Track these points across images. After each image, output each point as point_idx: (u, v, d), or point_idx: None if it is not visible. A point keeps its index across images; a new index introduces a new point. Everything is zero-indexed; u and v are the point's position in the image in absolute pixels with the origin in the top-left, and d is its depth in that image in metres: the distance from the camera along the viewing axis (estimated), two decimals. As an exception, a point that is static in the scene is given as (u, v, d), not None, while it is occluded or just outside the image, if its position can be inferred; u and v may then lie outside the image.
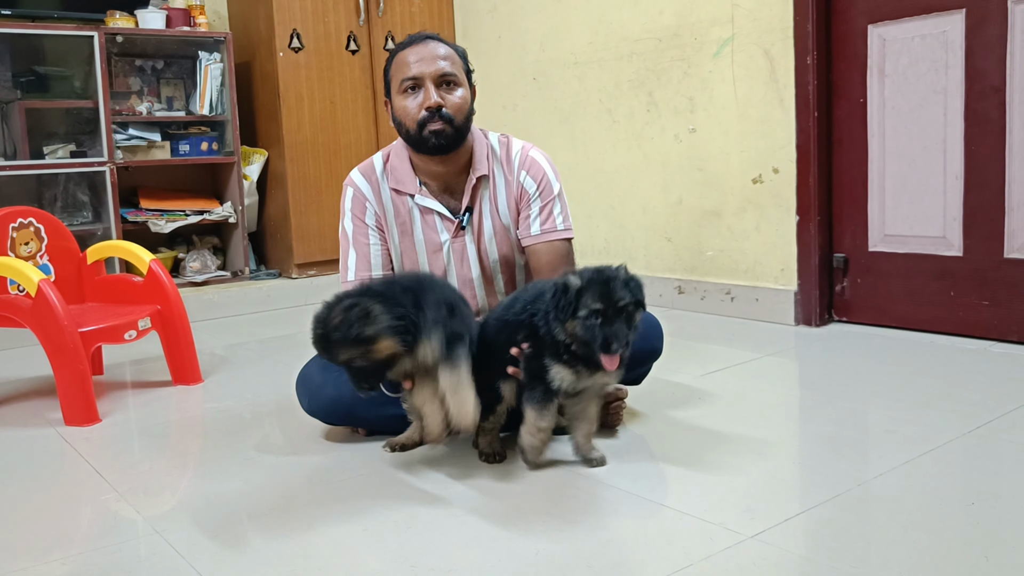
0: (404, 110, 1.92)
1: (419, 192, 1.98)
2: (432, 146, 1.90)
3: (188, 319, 2.55)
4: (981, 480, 1.60)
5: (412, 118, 1.90)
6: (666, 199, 3.39)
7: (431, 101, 1.88)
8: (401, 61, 1.93)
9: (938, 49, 2.62)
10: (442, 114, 1.88)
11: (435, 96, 1.88)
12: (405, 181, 1.99)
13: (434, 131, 1.88)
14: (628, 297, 1.55)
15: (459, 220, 1.99)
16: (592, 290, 1.55)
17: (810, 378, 2.40)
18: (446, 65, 1.91)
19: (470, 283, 2.02)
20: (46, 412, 2.31)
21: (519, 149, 2.03)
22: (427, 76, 1.89)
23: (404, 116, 1.92)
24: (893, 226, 2.80)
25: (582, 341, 1.56)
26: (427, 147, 1.91)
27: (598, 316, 1.54)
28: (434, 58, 1.90)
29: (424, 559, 1.35)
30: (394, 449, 1.85)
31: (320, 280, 3.92)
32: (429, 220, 1.99)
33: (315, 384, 1.91)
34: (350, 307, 1.54)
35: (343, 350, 1.54)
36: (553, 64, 3.79)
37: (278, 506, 1.61)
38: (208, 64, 3.81)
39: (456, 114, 1.90)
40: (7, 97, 3.48)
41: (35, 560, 1.42)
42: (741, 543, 1.36)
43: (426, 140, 1.90)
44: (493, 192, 2.01)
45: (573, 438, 1.74)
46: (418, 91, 1.91)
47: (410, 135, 1.92)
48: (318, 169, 3.95)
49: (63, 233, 2.62)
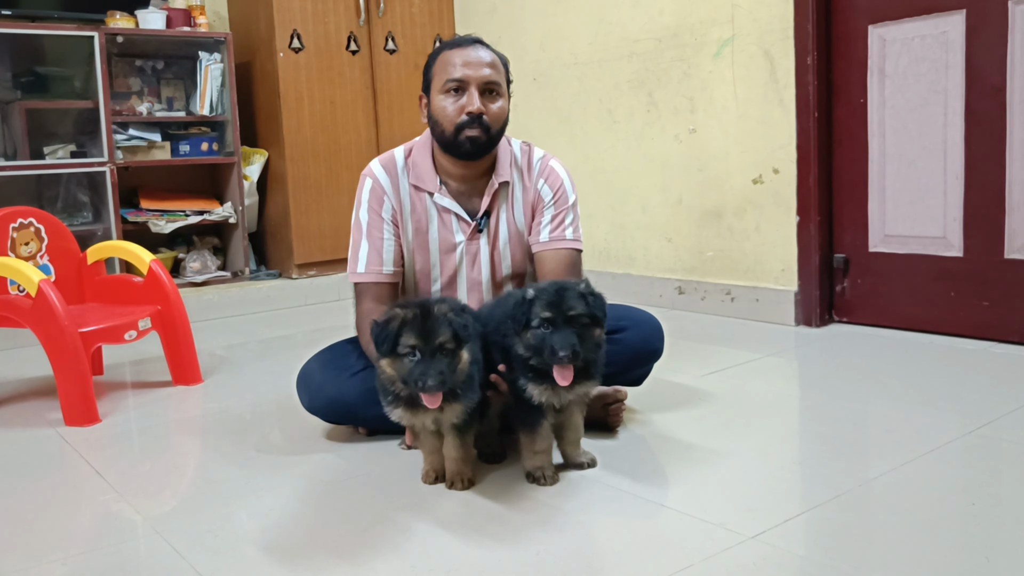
0: (443, 111, 1.89)
1: (439, 191, 1.96)
2: (465, 151, 1.89)
3: (188, 319, 2.55)
4: (981, 480, 1.60)
5: (451, 120, 1.88)
6: (666, 199, 3.39)
7: (474, 107, 1.86)
8: (447, 60, 1.90)
9: (938, 49, 2.62)
10: (482, 122, 1.86)
11: (478, 103, 1.86)
12: (426, 178, 1.96)
13: (470, 137, 1.87)
14: (580, 308, 1.53)
15: (476, 223, 1.97)
16: (542, 299, 1.54)
17: (810, 378, 2.40)
18: (492, 73, 1.90)
19: (478, 286, 2.01)
20: (46, 412, 2.31)
21: (540, 157, 2.03)
22: (473, 81, 1.87)
23: (442, 116, 1.90)
24: (893, 226, 2.79)
25: (535, 351, 1.55)
26: (460, 151, 1.90)
27: (547, 325, 1.52)
28: (481, 64, 1.89)
29: (424, 559, 1.35)
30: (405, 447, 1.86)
31: (320, 280, 3.92)
32: (446, 220, 1.98)
33: (315, 382, 1.92)
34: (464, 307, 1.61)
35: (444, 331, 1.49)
36: (553, 64, 3.79)
37: (278, 506, 1.61)
38: (208, 64, 3.81)
39: (494, 124, 1.89)
40: (7, 97, 3.48)
41: (35, 560, 1.42)
42: (741, 543, 1.36)
43: (461, 144, 1.88)
44: (511, 198, 2.00)
45: (560, 447, 1.73)
46: (461, 94, 1.88)
47: (445, 135, 1.90)
48: (318, 169, 3.95)
49: (63, 233, 2.62)
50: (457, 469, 1.65)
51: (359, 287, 1.95)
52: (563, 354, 1.49)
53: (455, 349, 1.51)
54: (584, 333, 1.54)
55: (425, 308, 1.51)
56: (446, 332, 1.49)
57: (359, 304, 1.95)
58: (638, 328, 1.97)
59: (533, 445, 1.64)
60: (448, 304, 1.55)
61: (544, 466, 1.65)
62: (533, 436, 1.64)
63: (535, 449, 1.64)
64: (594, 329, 1.58)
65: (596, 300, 1.58)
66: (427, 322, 1.49)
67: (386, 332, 1.49)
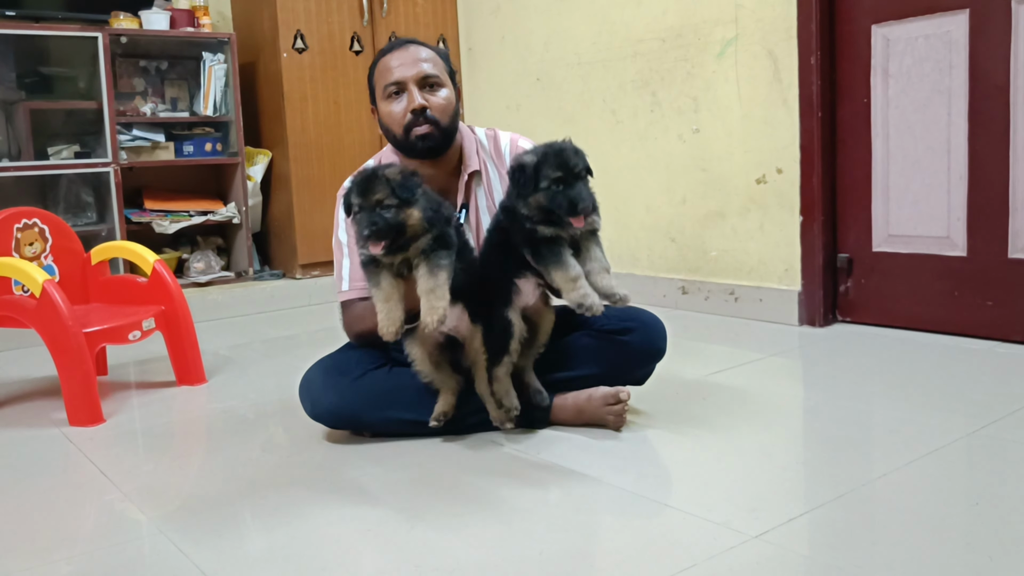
0: (390, 115, 1.93)
1: None
2: (420, 150, 1.91)
3: (192, 320, 2.55)
4: (985, 480, 1.59)
5: (398, 123, 1.91)
6: (670, 199, 3.38)
7: (415, 103, 1.89)
8: (383, 67, 1.94)
9: (942, 49, 2.62)
10: (427, 116, 1.89)
11: (419, 98, 1.89)
12: None
13: (420, 135, 1.90)
14: (582, 164, 1.69)
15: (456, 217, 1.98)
16: (549, 162, 1.68)
17: (814, 378, 2.40)
18: (427, 67, 1.92)
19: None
20: (50, 412, 2.32)
21: (507, 141, 2.05)
22: (409, 79, 1.90)
23: (391, 121, 1.93)
24: (897, 226, 2.79)
25: (547, 210, 1.68)
26: (416, 151, 1.92)
27: (559, 183, 1.67)
28: (415, 61, 1.91)
29: (428, 559, 1.35)
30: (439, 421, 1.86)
31: (324, 280, 3.92)
32: None
33: (317, 389, 1.92)
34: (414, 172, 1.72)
35: (382, 189, 1.66)
36: (557, 64, 3.79)
37: (282, 506, 1.61)
38: (212, 65, 3.81)
39: (441, 116, 1.91)
40: (12, 98, 3.49)
41: (40, 560, 1.43)
42: (745, 543, 1.36)
43: (414, 145, 1.91)
44: (488, 186, 2.02)
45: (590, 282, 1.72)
46: (402, 95, 1.91)
47: (398, 140, 1.94)
48: (322, 170, 3.95)
49: (67, 234, 2.62)
50: (429, 304, 1.65)
51: (345, 304, 1.98)
52: (583, 204, 1.65)
53: (398, 205, 1.66)
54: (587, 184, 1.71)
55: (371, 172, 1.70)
56: (383, 190, 1.66)
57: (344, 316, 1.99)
58: (642, 328, 1.98)
59: (568, 274, 1.69)
60: (396, 168, 1.71)
61: (587, 292, 1.68)
62: (564, 268, 1.69)
63: (571, 276, 1.69)
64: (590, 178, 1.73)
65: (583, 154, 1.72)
66: (368, 183, 1.68)
67: (345, 198, 1.73)
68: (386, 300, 1.70)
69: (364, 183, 1.68)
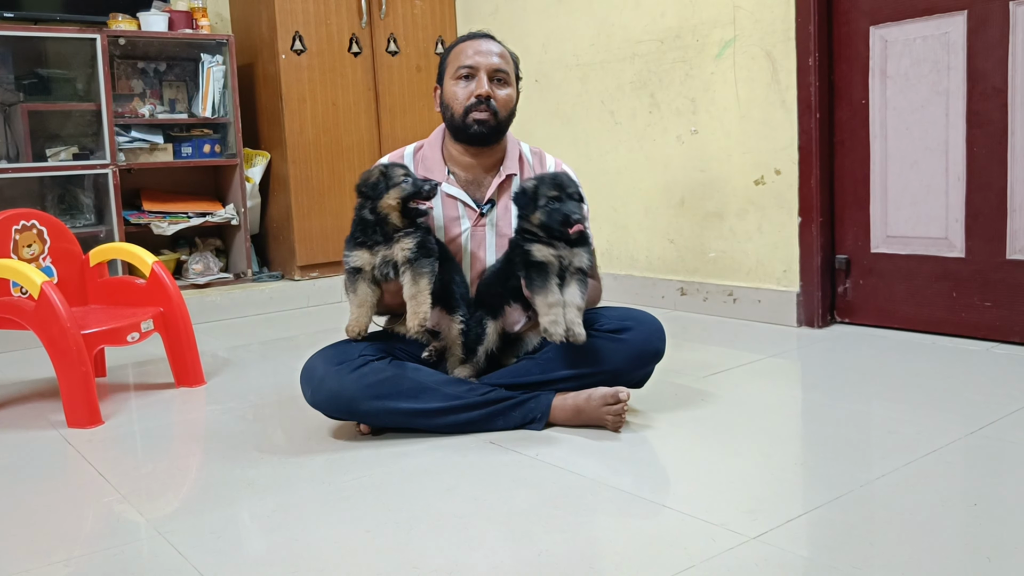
0: (454, 95, 2.04)
1: (447, 180, 2.08)
2: (473, 133, 2.02)
3: (191, 321, 2.55)
4: (984, 481, 1.60)
5: (460, 103, 2.02)
6: (668, 200, 3.39)
7: (482, 89, 2.00)
8: (460, 51, 2.06)
9: (940, 50, 2.62)
10: (489, 104, 2.01)
11: (487, 86, 2.01)
12: (434, 169, 2.09)
13: (478, 119, 2.00)
14: (574, 188, 1.92)
15: (481, 210, 2.07)
16: (546, 183, 1.90)
17: (812, 379, 2.40)
18: (501, 62, 2.04)
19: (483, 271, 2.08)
20: (49, 414, 2.32)
21: (553, 161, 2.18)
22: (482, 67, 2.02)
23: (453, 100, 2.04)
24: (895, 227, 2.79)
25: (546, 226, 1.88)
26: (468, 134, 2.03)
27: (554, 201, 1.88)
28: (491, 53, 2.04)
29: (426, 560, 1.35)
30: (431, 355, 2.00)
31: (323, 282, 3.92)
32: (451, 208, 2.07)
33: (318, 376, 1.93)
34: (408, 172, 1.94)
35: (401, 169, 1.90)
36: (555, 66, 3.79)
37: (281, 507, 1.61)
38: (210, 66, 3.81)
39: (501, 108, 2.03)
40: (10, 99, 3.49)
41: (38, 562, 1.43)
42: (743, 544, 1.36)
43: (468, 127, 2.02)
44: None
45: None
46: (471, 80, 2.03)
47: (454, 120, 2.04)
48: (320, 171, 3.95)
49: (66, 235, 2.62)
50: (412, 309, 1.85)
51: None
52: (576, 217, 1.86)
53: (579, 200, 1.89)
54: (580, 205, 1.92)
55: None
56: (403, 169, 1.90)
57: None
58: (640, 329, 1.98)
59: (547, 300, 1.87)
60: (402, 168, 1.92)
61: (556, 319, 1.85)
62: (546, 293, 1.87)
63: (549, 302, 1.86)
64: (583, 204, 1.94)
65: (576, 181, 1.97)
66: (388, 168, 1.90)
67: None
68: (359, 306, 1.92)
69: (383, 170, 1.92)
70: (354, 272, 1.92)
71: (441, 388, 1.91)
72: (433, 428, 1.93)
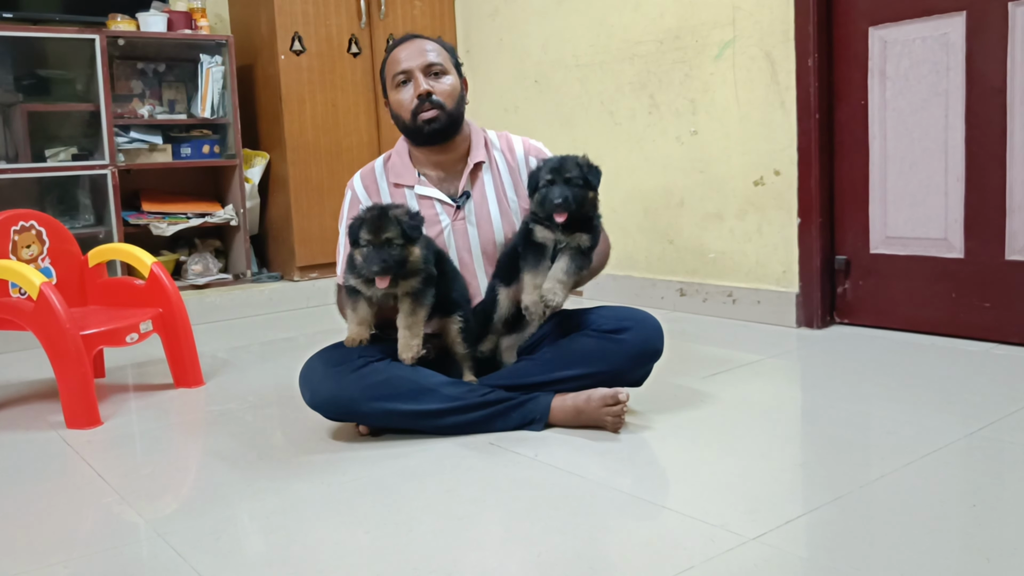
0: (399, 103, 2.06)
1: (418, 183, 2.10)
2: (428, 133, 2.04)
3: (190, 322, 2.55)
4: (983, 482, 1.59)
5: (407, 109, 2.04)
6: (668, 201, 3.39)
7: (421, 88, 2.02)
8: (392, 59, 2.09)
9: (939, 51, 2.62)
10: (432, 100, 2.02)
11: (424, 84, 2.02)
12: (404, 174, 2.12)
13: (427, 119, 2.02)
14: (575, 172, 1.88)
15: (457, 203, 2.08)
16: (547, 166, 1.91)
17: (812, 380, 2.40)
18: (432, 56, 2.06)
19: (470, 267, 2.10)
20: (48, 415, 2.31)
21: (520, 140, 2.19)
22: (415, 68, 2.04)
23: (399, 108, 2.06)
24: (894, 228, 2.80)
25: (541, 205, 1.88)
26: (423, 135, 2.05)
27: (550, 184, 1.88)
28: (421, 51, 2.06)
29: (426, 562, 1.35)
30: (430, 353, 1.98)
31: (322, 283, 3.92)
32: (428, 208, 2.08)
33: (317, 377, 1.93)
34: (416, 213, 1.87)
35: (391, 228, 1.80)
36: (555, 67, 3.79)
37: (280, 509, 1.61)
38: (210, 67, 3.81)
39: (446, 100, 2.04)
40: (9, 100, 3.49)
41: (37, 563, 1.42)
42: (743, 545, 1.36)
43: (421, 129, 2.04)
44: (497, 176, 2.12)
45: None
46: (409, 84, 2.05)
47: (407, 126, 2.06)
48: (320, 172, 3.95)
49: (65, 236, 2.62)
50: (405, 341, 1.87)
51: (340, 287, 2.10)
52: (558, 201, 1.84)
53: (404, 244, 1.80)
54: (578, 192, 1.88)
55: (381, 210, 1.82)
56: (394, 229, 1.79)
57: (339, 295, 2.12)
58: (639, 328, 1.98)
59: (533, 279, 1.90)
60: (404, 209, 1.85)
61: (538, 301, 1.88)
62: (533, 272, 1.91)
63: (534, 282, 1.90)
64: (587, 191, 1.91)
65: (591, 169, 1.92)
66: (379, 221, 1.80)
67: (352, 229, 1.83)
68: (359, 323, 1.92)
69: (375, 221, 1.81)
70: (354, 292, 1.91)
71: (440, 389, 1.91)
72: (432, 429, 1.93)
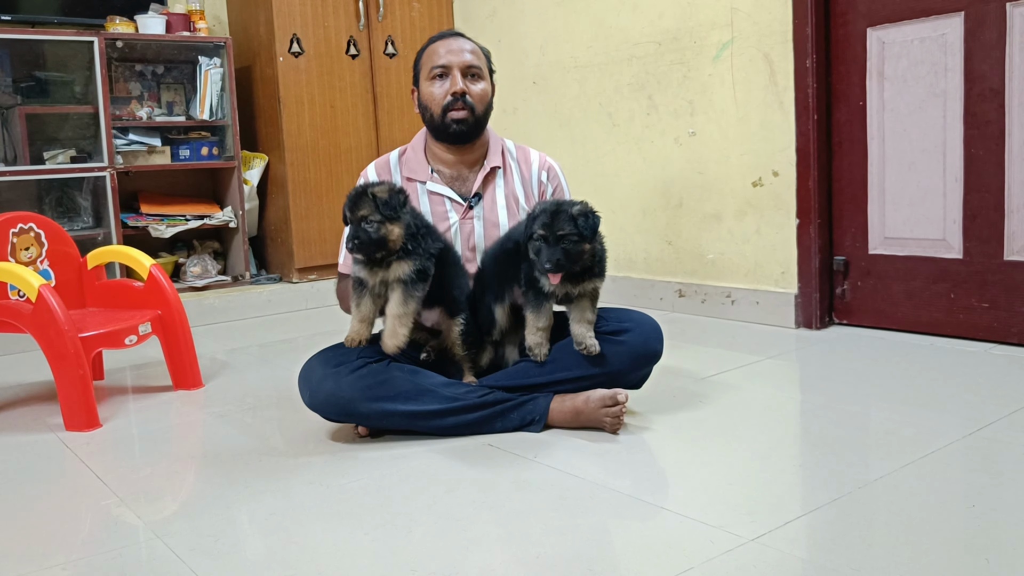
0: (431, 95, 2.07)
1: (430, 179, 2.11)
2: (453, 132, 2.05)
3: (189, 324, 2.55)
4: (982, 482, 1.60)
5: (438, 103, 2.06)
6: (666, 202, 3.39)
7: (457, 87, 2.04)
8: (432, 51, 2.10)
9: (937, 52, 2.62)
10: (465, 101, 2.04)
11: (461, 83, 2.04)
12: (418, 170, 2.13)
13: (456, 119, 2.04)
14: (569, 228, 1.80)
15: (468, 203, 2.10)
16: (540, 219, 1.83)
17: (811, 381, 2.40)
18: (472, 58, 2.08)
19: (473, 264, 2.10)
20: (47, 417, 2.31)
21: (537, 155, 2.21)
22: (455, 65, 2.06)
23: (430, 101, 2.07)
24: (893, 229, 2.80)
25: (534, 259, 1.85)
26: (448, 133, 2.06)
27: (542, 240, 1.81)
28: (462, 51, 2.08)
29: (425, 563, 1.35)
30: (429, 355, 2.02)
31: (321, 284, 3.92)
32: (438, 205, 2.10)
33: (316, 378, 1.94)
34: (400, 190, 1.84)
35: (367, 206, 1.78)
36: (553, 68, 3.79)
37: (279, 510, 1.61)
38: (208, 69, 3.81)
39: (477, 104, 2.06)
40: (8, 102, 3.49)
41: (36, 565, 1.42)
42: (742, 546, 1.36)
43: (448, 126, 2.05)
44: (510, 182, 2.14)
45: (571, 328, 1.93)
46: (445, 79, 2.06)
47: (434, 120, 2.07)
48: (318, 173, 3.95)
49: (63, 238, 2.62)
50: (392, 327, 1.85)
51: (342, 275, 2.13)
52: (548, 266, 1.80)
53: (381, 221, 1.78)
54: (572, 248, 1.82)
55: (361, 188, 1.82)
56: (368, 206, 1.78)
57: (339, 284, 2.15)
58: (638, 330, 1.98)
59: (537, 323, 1.91)
60: (386, 186, 1.83)
61: (541, 342, 1.92)
62: (538, 314, 1.91)
63: (538, 326, 1.91)
64: (583, 245, 1.84)
65: (587, 220, 1.83)
66: (357, 199, 1.80)
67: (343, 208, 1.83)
68: (361, 320, 1.91)
69: (353, 199, 1.81)
70: (359, 284, 1.90)
71: (439, 390, 1.91)
72: (431, 430, 1.93)
